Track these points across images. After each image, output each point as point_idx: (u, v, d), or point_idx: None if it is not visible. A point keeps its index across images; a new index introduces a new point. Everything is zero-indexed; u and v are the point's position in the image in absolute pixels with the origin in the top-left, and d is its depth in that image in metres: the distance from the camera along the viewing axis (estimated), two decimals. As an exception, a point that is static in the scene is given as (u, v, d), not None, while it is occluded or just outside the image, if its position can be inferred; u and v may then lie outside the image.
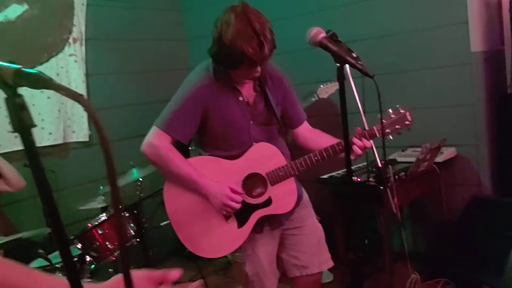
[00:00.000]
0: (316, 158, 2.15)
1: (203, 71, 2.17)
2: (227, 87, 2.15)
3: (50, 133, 3.80)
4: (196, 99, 2.11)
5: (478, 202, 3.37)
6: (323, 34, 1.71)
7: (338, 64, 1.65)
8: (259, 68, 2.05)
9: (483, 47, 3.48)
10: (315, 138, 2.34)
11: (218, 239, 2.20)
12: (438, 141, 3.23)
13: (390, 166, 3.16)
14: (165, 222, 2.22)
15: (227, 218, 2.19)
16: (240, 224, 2.20)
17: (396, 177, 3.14)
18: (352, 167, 3.49)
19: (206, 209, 2.18)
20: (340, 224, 3.43)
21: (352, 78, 1.93)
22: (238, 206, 2.13)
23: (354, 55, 2.28)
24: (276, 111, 2.26)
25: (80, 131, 4.02)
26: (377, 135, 2.10)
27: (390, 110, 2.15)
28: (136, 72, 4.35)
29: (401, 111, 2.15)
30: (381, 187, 2.91)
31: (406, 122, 2.15)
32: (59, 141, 3.87)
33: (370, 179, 3.07)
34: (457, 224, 3.39)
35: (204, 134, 2.21)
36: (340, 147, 2.09)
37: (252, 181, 2.20)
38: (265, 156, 2.20)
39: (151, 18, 4.57)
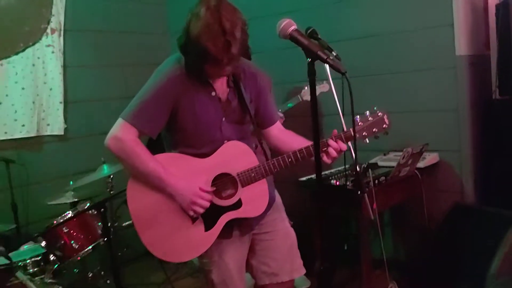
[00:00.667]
0: (290, 160, 2.05)
1: (175, 62, 2.06)
2: (199, 80, 2.04)
3: (23, 125, 3.69)
4: (166, 90, 2.00)
5: (460, 209, 3.30)
6: (293, 27, 1.62)
7: (309, 59, 1.55)
8: (227, 68, 1.95)
9: (468, 51, 3.41)
10: (287, 139, 2.24)
11: (183, 243, 2.09)
12: (421, 145, 3.15)
13: (370, 170, 3.08)
14: (127, 222, 2.11)
15: (193, 220, 2.08)
16: (207, 227, 2.09)
17: (376, 181, 3.06)
18: (331, 170, 3.48)
19: (172, 209, 2.07)
20: (317, 229, 3.33)
21: (333, 79, 1.87)
22: (207, 204, 2.02)
23: (334, 53, 2.21)
24: (250, 109, 2.16)
25: (55, 124, 3.91)
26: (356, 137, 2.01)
27: (367, 112, 2.05)
28: (115, 66, 4.24)
29: (378, 114, 2.05)
30: (359, 192, 2.81)
31: (384, 126, 2.05)
32: (32, 133, 3.76)
33: (348, 183, 2.98)
34: (438, 231, 3.32)
35: (173, 130, 2.10)
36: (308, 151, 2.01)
37: (222, 182, 2.09)
38: (236, 155, 2.09)
39: (133, 10, 4.46)
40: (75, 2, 4.03)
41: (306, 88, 3.60)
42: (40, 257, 2.67)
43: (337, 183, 3.10)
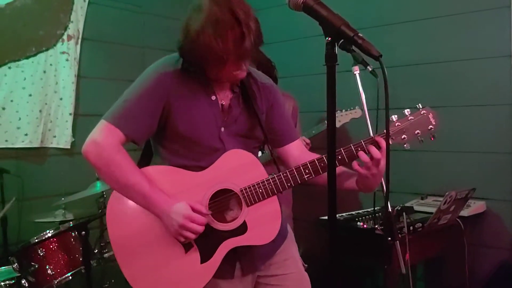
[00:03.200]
0: (307, 171, 1.66)
1: (170, 58, 1.75)
2: (198, 81, 1.72)
3: (26, 134, 3.43)
4: (155, 88, 1.67)
5: (508, 270, 3.02)
6: None
7: (328, 38, 1.17)
8: (243, 67, 1.64)
9: None
10: (308, 157, 1.84)
11: (173, 278, 1.69)
12: (466, 190, 2.80)
13: (404, 215, 2.70)
14: (108, 254, 1.72)
15: (187, 249, 1.69)
16: (204, 258, 1.69)
17: (411, 228, 2.71)
18: (359, 211, 3.07)
19: (160, 235, 1.69)
20: (337, 278, 2.90)
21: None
22: (199, 229, 1.63)
23: (370, 68, 1.83)
24: (261, 120, 1.80)
25: (62, 137, 3.64)
26: (390, 141, 1.63)
27: (407, 111, 1.67)
28: (133, 81, 3.96)
29: (422, 112, 1.68)
30: (390, 239, 2.40)
31: (430, 127, 1.67)
32: (36, 144, 3.49)
33: (378, 227, 2.56)
34: (481, 294, 2.98)
35: (165, 137, 1.75)
36: (346, 153, 1.65)
37: (223, 200, 1.72)
38: (240, 166, 1.72)
39: (157, 25, 4.24)
40: (96, 10, 3.84)
41: (337, 112, 3.27)
42: (14, 281, 2.32)
43: (365, 226, 2.73)
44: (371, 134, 2.21)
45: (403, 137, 1.66)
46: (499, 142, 3.10)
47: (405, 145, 1.66)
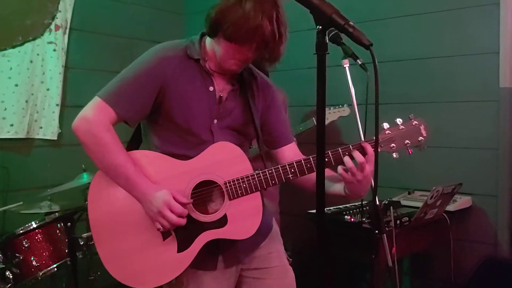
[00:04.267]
0: (293, 170, 1.66)
1: (173, 43, 1.74)
2: (197, 70, 1.71)
3: (12, 125, 3.38)
4: (153, 71, 1.66)
5: (492, 264, 3.00)
6: None
7: (319, 27, 1.16)
8: (250, 59, 1.69)
9: None
10: None
11: (148, 264, 1.68)
12: (453, 185, 2.81)
13: (391, 209, 2.71)
14: (86, 234, 1.70)
15: (164, 236, 1.68)
16: (181, 248, 1.67)
17: (398, 222, 2.72)
18: (347, 205, 3.07)
19: (140, 220, 1.67)
20: (325, 271, 2.91)
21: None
22: (176, 220, 1.62)
23: (359, 61, 1.83)
24: (255, 117, 1.78)
25: (48, 128, 3.60)
26: (378, 148, 1.64)
27: (399, 120, 1.68)
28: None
29: (414, 123, 1.68)
30: (377, 232, 2.41)
31: (420, 138, 1.68)
32: (21, 135, 3.45)
33: (365, 220, 2.57)
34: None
35: (157, 122, 1.74)
36: (334, 156, 1.64)
37: (206, 191, 1.71)
38: (227, 159, 1.71)
39: (148, 17, 4.21)
40: (85, 0, 3.78)
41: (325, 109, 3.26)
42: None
43: (352, 219, 2.72)
44: (360, 131, 2.22)
45: (392, 145, 1.66)
46: (485, 138, 3.09)
47: (393, 154, 1.67)
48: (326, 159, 1.62)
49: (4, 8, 3.33)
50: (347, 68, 2.27)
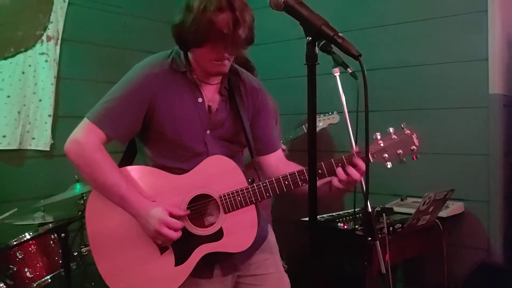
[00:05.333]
0: (287, 183, 1.67)
1: (157, 58, 1.75)
2: (185, 83, 1.72)
3: (4, 136, 3.36)
4: (141, 88, 1.67)
5: (485, 269, 3.01)
6: None
7: (308, 38, 1.18)
8: (227, 55, 1.64)
9: (503, 90, 3.09)
10: (288, 169, 1.85)
11: (147, 278, 1.69)
12: (445, 191, 2.82)
13: (384, 215, 2.72)
14: (85, 248, 1.71)
15: (162, 250, 1.69)
16: (178, 261, 1.69)
17: (391, 229, 2.73)
18: (340, 212, 3.08)
19: (136, 235, 1.69)
20: (319, 278, 2.91)
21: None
22: (175, 235, 1.64)
23: (350, 70, 1.85)
24: (246, 126, 1.79)
25: (41, 139, 3.58)
26: (371, 159, 1.65)
27: (391, 129, 1.68)
28: (113, 83, 3.89)
29: (406, 132, 1.69)
30: (370, 239, 2.42)
31: (412, 147, 1.68)
32: (14, 146, 3.42)
33: (358, 228, 2.58)
34: (459, 293, 2.99)
35: (149, 138, 1.74)
36: (327, 167, 1.65)
37: (202, 205, 1.72)
38: (221, 173, 1.72)
39: (138, 27, 4.21)
40: (77, 11, 3.78)
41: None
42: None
43: (345, 226, 2.72)
44: (352, 139, 2.23)
45: (384, 155, 1.66)
46: (476, 144, 3.12)
47: (387, 164, 1.67)
48: (320, 171, 1.64)
49: (-5, 19, 3.33)
50: (337, 77, 2.28)
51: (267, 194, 1.69)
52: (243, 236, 1.72)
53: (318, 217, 2.86)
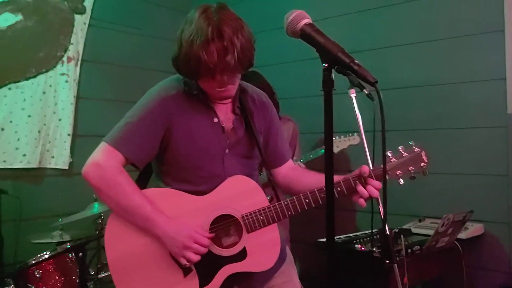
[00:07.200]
0: (308, 201, 1.67)
1: (171, 81, 1.77)
2: (200, 104, 1.74)
3: (24, 155, 3.43)
4: (158, 112, 1.68)
5: None
6: (306, 20, 1.26)
7: (325, 65, 1.19)
8: (225, 82, 1.63)
9: None
10: (300, 176, 1.87)
11: None
12: (464, 213, 2.76)
13: (402, 237, 2.67)
14: (106, 272, 1.70)
15: (186, 273, 1.68)
16: (203, 283, 1.68)
17: (409, 251, 2.68)
18: (356, 233, 3.05)
19: (160, 258, 1.69)
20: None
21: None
22: (203, 251, 1.63)
23: (366, 91, 1.86)
24: (259, 142, 1.81)
25: (60, 158, 3.64)
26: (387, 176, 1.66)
27: (401, 148, 1.72)
28: (132, 102, 3.94)
29: (415, 150, 1.73)
30: (388, 261, 2.38)
31: (422, 164, 1.72)
32: (34, 165, 3.49)
33: (375, 250, 2.54)
34: (480, 318, 2.90)
35: (166, 161, 1.75)
36: (347, 184, 1.65)
37: (223, 226, 1.72)
38: (242, 193, 1.72)
39: (156, 47, 4.27)
40: (96, 33, 3.88)
41: (334, 138, 3.26)
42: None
43: (362, 248, 2.68)
44: (369, 158, 2.23)
45: (398, 172, 1.69)
46: (494, 164, 3.06)
47: (400, 180, 1.70)
48: (339, 188, 1.64)
49: (18, 41, 3.42)
50: (353, 97, 2.29)
51: (289, 213, 1.69)
52: (267, 255, 1.71)
53: (335, 238, 2.83)
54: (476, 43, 3.15)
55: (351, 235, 3.00)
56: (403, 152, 1.71)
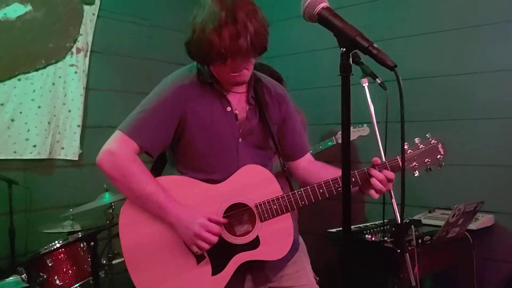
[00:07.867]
0: (321, 191, 1.67)
1: (185, 70, 1.77)
2: (213, 93, 1.74)
3: (35, 146, 3.43)
4: (172, 100, 1.69)
5: None
6: (324, 4, 1.25)
7: (343, 49, 1.18)
8: (238, 66, 1.62)
9: None
10: (318, 170, 1.86)
11: (182, 287, 1.69)
12: (475, 203, 2.74)
13: (413, 227, 2.66)
14: (118, 260, 1.71)
15: (198, 260, 1.69)
16: (216, 271, 1.69)
17: (420, 241, 2.67)
18: (367, 224, 3.05)
19: (173, 245, 1.69)
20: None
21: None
22: (214, 239, 1.64)
23: (379, 80, 1.84)
24: (273, 133, 1.80)
25: (70, 149, 3.64)
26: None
27: (417, 140, 1.72)
28: (142, 94, 3.93)
29: (432, 142, 1.73)
30: (399, 251, 2.39)
31: (438, 156, 1.72)
32: (44, 156, 3.50)
33: (386, 239, 2.54)
34: (490, 308, 2.90)
35: (180, 149, 1.76)
36: (360, 176, 1.66)
37: (237, 214, 1.72)
38: (256, 182, 1.72)
39: (164, 38, 4.26)
40: (105, 24, 3.86)
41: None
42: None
43: (373, 238, 2.68)
44: (381, 150, 2.22)
45: (413, 164, 1.70)
46: (505, 155, 3.05)
47: (415, 172, 1.70)
48: (353, 179, 1.64)
49: (27, 32, 3.41)
50: (366, 87, 2.28)
51: (303, 203, 1.69)
52: (280, 244, 1.72)
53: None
54: (488, 33, 3.13)
55: (361, 225, 3.00)
56: (419, 144, 1.71)
